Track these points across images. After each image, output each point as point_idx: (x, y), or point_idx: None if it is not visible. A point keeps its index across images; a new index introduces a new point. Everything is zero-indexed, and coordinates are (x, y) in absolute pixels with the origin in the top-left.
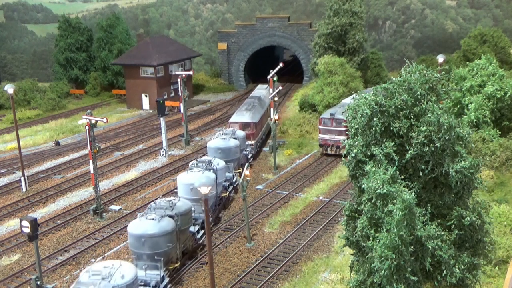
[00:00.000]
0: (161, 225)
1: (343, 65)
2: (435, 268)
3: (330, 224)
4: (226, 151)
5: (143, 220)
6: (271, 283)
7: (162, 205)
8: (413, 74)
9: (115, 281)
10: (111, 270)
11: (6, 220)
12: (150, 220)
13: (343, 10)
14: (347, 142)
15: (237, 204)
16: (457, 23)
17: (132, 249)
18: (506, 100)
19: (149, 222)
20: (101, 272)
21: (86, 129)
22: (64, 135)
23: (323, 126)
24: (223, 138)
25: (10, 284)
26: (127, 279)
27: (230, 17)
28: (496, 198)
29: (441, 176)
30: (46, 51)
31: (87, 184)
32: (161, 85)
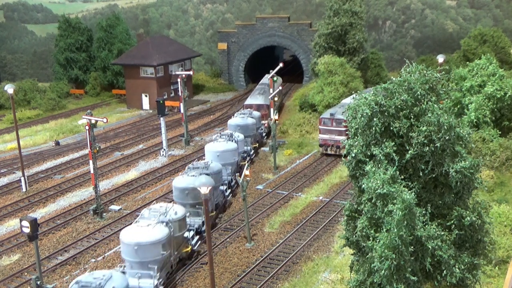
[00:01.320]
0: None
1: (343, 65)
2: (435, 268)
3: (330, 224)
4: (244, 127)
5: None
6: (271, 283)
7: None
8: (413, 74)
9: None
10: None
11: (6, 220)
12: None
13: (343, 10)
14: (347, 142)
15: (237, 204)
16: (457, 23)
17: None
18: (506, 100)
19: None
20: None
21: (86, 129)
22: (64, 135)
23: (323, 126)
24: (242, 117)
25: (10, 284)
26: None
27: (230, 17)
28: (496, 198)
29: (441, 176)
30: (46, 51)
31: (87, 184)
32: (161, 85)
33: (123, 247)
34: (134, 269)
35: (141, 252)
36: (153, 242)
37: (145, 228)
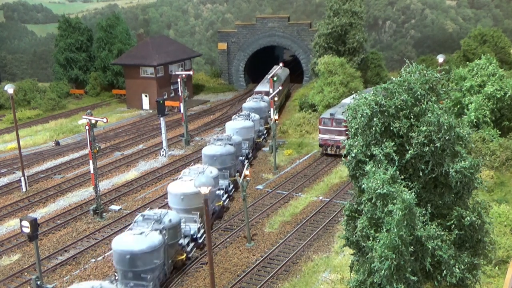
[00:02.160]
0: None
1: (343, 65)
2: (435, 268)
3: (330, 224)
4: (258, 109)
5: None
6: (271, 283)
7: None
8: (413, 74)
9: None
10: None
11: (6, 220)
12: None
13: (343, 10)
14: (347, 142)
15: (237, 204)
16: (457, 23)
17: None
18: (506, 100)
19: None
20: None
21: (86, 129)
22: (64, 135)
23: (323, 126)
24: (255, 101)
25: (10, 284)
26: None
27: (230, 17)
28: (496, 198)
29: (441, 176)
30: (46, 51)
31: (87, 184)
32: (161, 85)
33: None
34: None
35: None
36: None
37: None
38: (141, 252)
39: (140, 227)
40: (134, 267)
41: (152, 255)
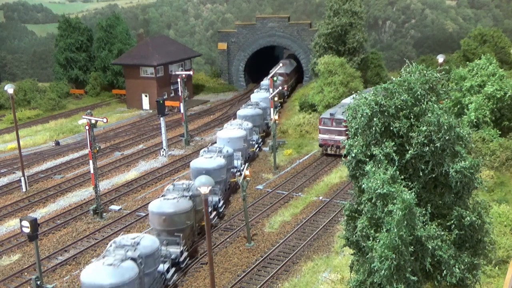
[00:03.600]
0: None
1: (343, 65)
2: (435, 268)
3: (330, 224)
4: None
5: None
6: (271, 283)
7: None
8: (413, 74)
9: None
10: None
11: (6, 220)
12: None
13: (343, 10)
14: (347, 142)
15: (237, 204)
16: (457, 23)
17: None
18: (506, 100)
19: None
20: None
21: (86, 129)
22: (64, 135)
23: (323, 126)
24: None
25: (10, 284)
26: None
27: (230, 17)
28: (496, 198)
29: (441, 176)
30: (46, 51)
31: (87, 184)
32: (161, 85)
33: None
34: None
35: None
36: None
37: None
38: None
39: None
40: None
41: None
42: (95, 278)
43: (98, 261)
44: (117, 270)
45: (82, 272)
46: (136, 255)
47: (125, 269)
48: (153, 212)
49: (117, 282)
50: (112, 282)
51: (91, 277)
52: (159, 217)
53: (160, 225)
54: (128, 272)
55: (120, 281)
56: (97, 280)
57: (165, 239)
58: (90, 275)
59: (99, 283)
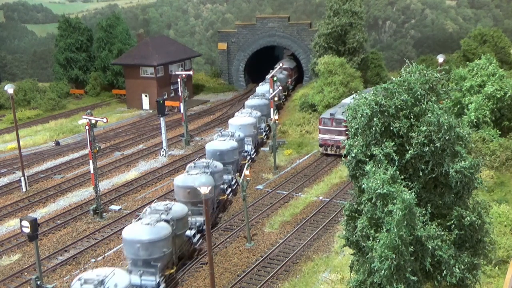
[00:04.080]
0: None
1: (343, 65)
2: (435, 268)
3: (330, 224)
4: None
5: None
6: (271, 283)
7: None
8: (413, 74)
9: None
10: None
11: (6, 220)
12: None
13: (343, 10)
14: (347, 142)
15: (237, 204)
16: (457, 23)
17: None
18: (506, 100)
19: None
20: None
21: (86, 129)
22: (64, 135)
23: (323, 126)
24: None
25: (10, 284)
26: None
27: (230, 17)
28: (496, 198)
29: (441, 176)
30: (46, 51)
31: (87, 184)
32: (161, 85)
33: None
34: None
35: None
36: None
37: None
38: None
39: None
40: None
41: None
42: (135, 234)
43: (136, 222)
44: (153, 228)
45: (123, 230)
46: (168, 218)
47: (160, 228)
48: (178, 186)
49: (154, 238)
50: (150, 238)
51: (131, 234)
52: (184, 190)
53: (184, 197)
54: (163, 231)
55: (156, 237)
56: (137, 236)
57: (190, 209)
58: (130, 232)
59: (138, 239)
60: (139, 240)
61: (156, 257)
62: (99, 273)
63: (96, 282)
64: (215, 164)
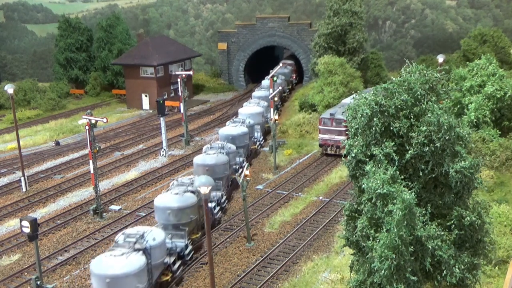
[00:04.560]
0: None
1: (343, 65)
2: (435, 268)
3: (330, 224)
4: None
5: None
6: (271, 283)
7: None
8: (413, 74)
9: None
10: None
11: (6, 220)
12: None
13: (343, 10)
14: (347, 142)
15: (237, 204)
16: (457, 23)
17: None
18: (506, 100)
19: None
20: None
21: (86, 129)
22: (64, 135)
23: (323, 126)
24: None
25: (10, 284)
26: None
27: (230, 17)
28: (496, 198)
29: (441, 176)
30: (46, 51)
31: (87, 184)
32: (161, 85)
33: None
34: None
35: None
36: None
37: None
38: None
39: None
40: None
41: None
42: (165, 202)
43: (166, 192)
44: (182, 197)
45: (155, 199)
46: (194, 189)
47: (187, 197)
48: (198, 164)
49: (182, 205)
50: (179, 205)
51: (162, 201)
52: (203, 168)
53: (204, 174)
54: (190, 199)
55: (184, 205)
56: (167, 204)
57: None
58: (161, 200)
59: (168, 205)
60: (170, 207)
61: (184, 222)
62: (139, 229)
63: (138, 235)
64: (229, 146)
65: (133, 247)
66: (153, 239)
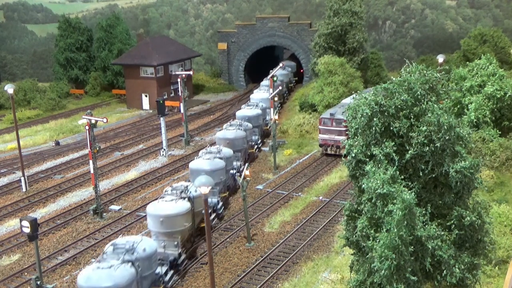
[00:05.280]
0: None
1: (343, 65)
2: (435, 268)
3: (330, 224)
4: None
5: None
6: (271, 283)
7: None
8: (413, 74)
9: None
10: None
11: (6, 220)
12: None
13: (343, 10)
14: (347, 142)
15: (237, 204)
16: (457, 23)
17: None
18: (506, 100)
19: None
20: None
21: (86, 129)
22: (64, 135)
23: (323, 126)
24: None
25: (10, 284)
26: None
27: (230, 17)
28: (496, 198)
29: (441, 176)
30: (46, 51)
31: (87, 184)
32: (161, 85)
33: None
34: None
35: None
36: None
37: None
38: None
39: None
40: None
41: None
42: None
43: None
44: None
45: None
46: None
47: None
48: (220, 138)
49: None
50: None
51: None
52: (225, 141)
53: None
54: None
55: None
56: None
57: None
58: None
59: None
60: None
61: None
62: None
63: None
64: (247, 124)
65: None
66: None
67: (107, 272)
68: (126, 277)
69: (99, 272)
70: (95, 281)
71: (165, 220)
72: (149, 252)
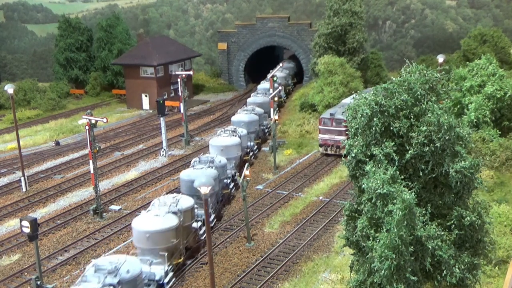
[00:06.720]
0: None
1: (343, 65)
2: (435, 268)
3: (330, 224)
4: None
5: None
6: (271, 283)
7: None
8: (413, 74)
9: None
10: None
11: (6, 220)
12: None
13: (343, 10)
14: (347, 142)
15: (237, 204)
16: (457, 23)
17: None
18: (506, 100)
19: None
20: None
21: (86, 129)
22: (64, 135)
23: (323, 126)
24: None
25: (10, 284)
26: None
27: (230, 17)
28: (496, 198)
29: (441, 176)
30: (46, 51)
31: (87, 184)
32: (161, 85)
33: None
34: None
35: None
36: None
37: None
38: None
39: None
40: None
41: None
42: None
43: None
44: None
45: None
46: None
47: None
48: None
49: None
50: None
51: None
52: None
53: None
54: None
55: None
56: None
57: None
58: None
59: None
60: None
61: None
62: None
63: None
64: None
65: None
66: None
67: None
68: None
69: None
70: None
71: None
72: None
